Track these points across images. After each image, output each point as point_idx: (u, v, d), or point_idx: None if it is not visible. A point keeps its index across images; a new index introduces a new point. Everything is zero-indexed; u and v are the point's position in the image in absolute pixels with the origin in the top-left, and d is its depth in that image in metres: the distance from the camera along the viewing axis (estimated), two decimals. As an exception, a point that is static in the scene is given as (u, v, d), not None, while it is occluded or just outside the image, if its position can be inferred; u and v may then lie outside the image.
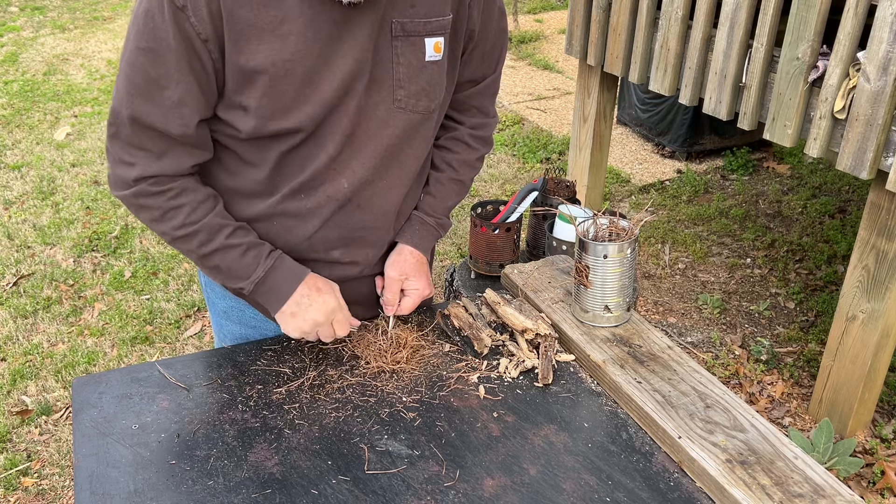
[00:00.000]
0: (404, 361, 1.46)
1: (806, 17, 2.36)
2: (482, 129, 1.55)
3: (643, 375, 1.39)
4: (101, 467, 1.22)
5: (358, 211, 1.39)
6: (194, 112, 1.21)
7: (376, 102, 1.29)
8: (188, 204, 1.27)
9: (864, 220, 2.44)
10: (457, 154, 1.54)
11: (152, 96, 1.18)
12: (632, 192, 4.41)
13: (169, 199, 1.26)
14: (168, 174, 1.25)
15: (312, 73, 1.21)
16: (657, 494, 1.18)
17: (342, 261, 1.45)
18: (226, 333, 1.59)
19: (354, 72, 1.24)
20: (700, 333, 3.25)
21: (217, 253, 1.31)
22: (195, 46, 1.16)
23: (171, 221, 1.27)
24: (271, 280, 1.34)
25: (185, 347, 3.13)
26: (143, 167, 1.23)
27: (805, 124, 2.48)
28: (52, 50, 6.64)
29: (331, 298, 1.37)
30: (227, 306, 1.54)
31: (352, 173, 1.34)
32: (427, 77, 1.32)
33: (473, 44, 1.40)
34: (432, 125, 1.42)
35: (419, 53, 1.29)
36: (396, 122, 1.32)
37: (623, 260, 1.47)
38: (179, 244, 1.31)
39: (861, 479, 2.53)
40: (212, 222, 1.29)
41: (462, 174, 1.56)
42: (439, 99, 1.36)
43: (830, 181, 4.46)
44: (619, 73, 3.19)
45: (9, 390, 2.89)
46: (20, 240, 3.84)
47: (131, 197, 1.26)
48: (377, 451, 1.26)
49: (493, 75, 1.49)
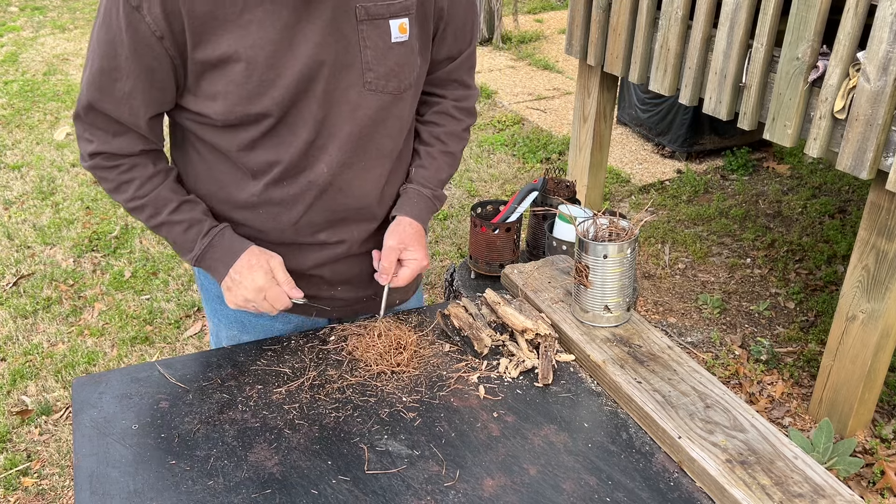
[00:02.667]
0: (404, 364, 1.46)
1: (806, 17, 2.36)
2: (465, 100, 1.58)
3: (643, 375, 1.39)
4: (101, 467, 1.22)
5: (340, 195, 1.42)
6: (143, 105, 1.29)
7: (346, 86, 1.33)
8: (138, 178, 1.36)
9: (864, 220, 2.44)
10: (444, 127, 1.57)
11: (106, 86, 1.27)
12: (632, 192, 4.41)
13: (120, 173, 1.35)
14: (119, 153, 1.34)
15: (275, 59, 1.25)
16: (657, 494, 1.18)
17: (329, 242, 1.47)
18: (220, 318, 1.61)
19: (317, 56, 1.28)
20: (700, 333, 3.25)
21: (164, 226, 1.38)
22: (150, 43, 1.22)
23: (124, 194, 1.37)
24: (209, 257, 1.39)
25: (185, 347, 3.13)
26: (98, 145, 1.33)
27: (805, 124, 2.48)
28: (52, 50, 6.64)
29: (259, 275, 1.37)
30: (220, 291, 1.55)
31: (330, 158, 1.37)
32: (395, 58, 1.35)
33: (444, 22, 1.44)
34: (406, 105, 1.44)
35: (385, 36, 1.33)
36: (368, 104, 1.36)
37: (623, 260, 1.47)
38: (134, 215, 1.39)
39: (861, 479, 2.53)
40: (159, 196, 1.36)
41: (451, 146, 1.58)
42: (409, 79, 1.39)
43: (830, 181, 4.46)
44: (619, 73, 3.19)
45: (9, 390, 2.89)
46: (20, 240, 3.85)
47: (90, 169, 1.36)
48: (377, 451, 1.26)
49: (468, 49, 1.52)
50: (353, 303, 1.60)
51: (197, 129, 1.36)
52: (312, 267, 1.51)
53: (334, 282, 1.54)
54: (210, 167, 1.41)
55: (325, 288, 1.55)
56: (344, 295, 1.57)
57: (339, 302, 1.58)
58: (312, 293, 1.52)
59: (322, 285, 1.54)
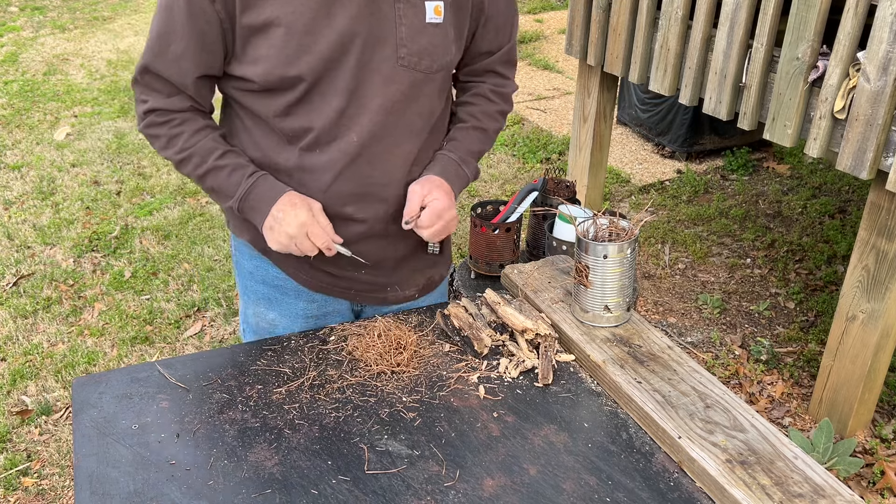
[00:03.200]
0: (404, 364, 1.46)
1: (806, 17, 2.36)
2: (502, 87, 1.65)
3: (643, 375, 1.39)
4: (101, 467, 1.22)
5: (368, 166, 1.48)
6: (192, 66, 1.39)
7: (381, 59, 1.40)
8: (187, 131, 1.45)
9: (864, 220, 2.44)
10: (478, 106, 1.63)
11: (161, 49, 1.39)
12: (632, 192, 4.41)
13: (171, 127, 1.45)
14: (171, 109, 1.45)
15: (312, 26, 1.35)
16: (657, 494, 1.18)
17: (355, 217, 1.52)
18: (250, 295, 1.68)
19: (352, 28, 1.36)
20: (700, 333, 3.25)
21: (209, 174, 1.45)
22: (203, 7, 1.33)
23: (174, 147, 1.46)
24: (252, 198, 1.45)
25: (185, 347, 3.13)
26: (152, 103, 1.44)
27: (805, 124, 2.48)
28: (52, 50, 6.64)
29: (303, 212, 1.43)
30: (252, 266, 1.64)
31: (360, 128, 1.44)
32: (428, 37, 1.43)
33: (485, 17, 1.52)
34: (436, 86, 1.50)
35: (420, 14, 1.41)
36: (401, 79, 1.43)
37: (623, 260, 1.47)
38: (182, 168, 1.47)
39: (861, 479, 2.53)
40: (205, 146, 1.45)
41: (483, 123, 1.62)
42: (442, 60, 1.46)
43: (830, 181, 4.46)
44: (619, 73, 3.19)
45: (9, 390, 2.89)
46: (20, 240, 3.85)
47: (145, 128, 1.47)
48: (377, 451, 1.26)
49: (507, 45, 1.60)
50: (376, 289, 1.64)
51: (240, 96, 1.46)
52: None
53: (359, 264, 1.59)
54: (252, 134, 1.49)
55: (350, 269, 1.59)
56: (367, 279, 1.61)
57: (363, 286, 1.63)
58: (337, 273, 1.59)
59: (346, 266, 1.58)
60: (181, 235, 3.90)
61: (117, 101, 5.58)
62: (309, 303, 1.64)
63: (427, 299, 1.76)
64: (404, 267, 1.65)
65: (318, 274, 1.60)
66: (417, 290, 1.71)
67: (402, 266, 1.64)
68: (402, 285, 1.67)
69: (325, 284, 1.61)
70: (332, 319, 1.66)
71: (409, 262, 1.65)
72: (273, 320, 1.66)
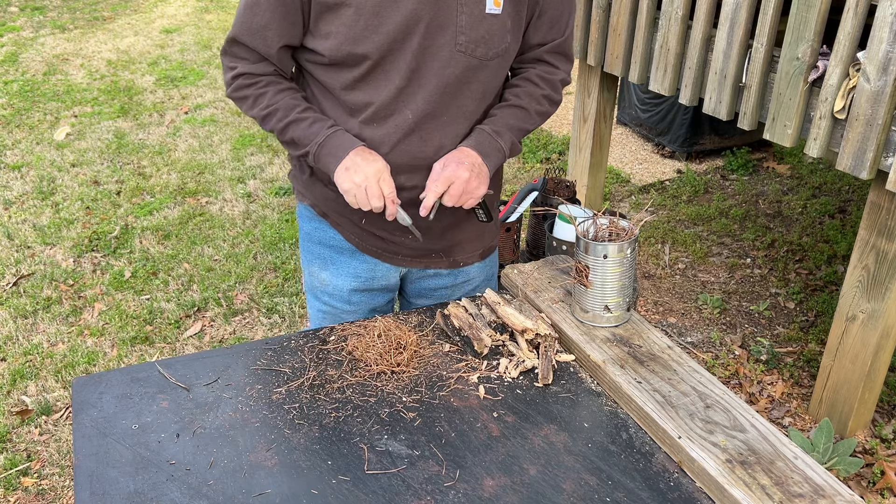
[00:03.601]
0: (404, 364, 1.46)
1: (806, 17, 2.36)
2: (550, 74, 1.70)
3: (643, 375, 1.39)
4: (101, 467, 1.22)
5: (420, 142, 1.58)
6: (275, 36, 1.52)
7: (440, 45, 1.50)
8: (271, 91, 1.59)
9: (864, 220, 2.44)
10: (521, 88, 1.68)
11: (248, 21, 1.52)
12: (632, 192, 4.41)
13: (257, 88, 1.59)
14: (257, 73, 1.59)
15: (380, 9, 1.46)
16: (657, 494, 1.18)
17: (406, 185, 1.62)
18: (307, 255, 1.82)
19: (417, 12, 1.47)
20: (700, 333, 3.25)
21: (291, 125, 1.57)
22: None
23: (259, 104, 1.59)
24: (330, 144, 1.56)
25: (185, 347, 3.13)
26: (240, 68, 1.59)
27: (805, 124, 2.48)
28: (52, 50, 6.64)
29: (380, 163, 1.54)
30: (311, 228, 1.78)
31: (416, 106, 1.55)
32: (486, 27, 1.52)
33: (540, 9, 1.60)
34: (490, 73, 1.58)
35: (480, 5, 1.50)
36: (457, 63, 1.53)
37: (623, 260, 1.47)
38: (266, 123, 1.59)
39: (861, 479, 2.53)
40: (289, 102, 1.58)
41: (524, 102, 1.66)
42: (497, 49, 1.55)
43: (830, 181, 4.46)
44: (619, 73, 3.19)
45: (9, 390, 2.89)
46: (20, 240, 3.85)
47: (233, 91, 1.60)
48: (377, 451, 1.26)
49: (561, 38, 1.67)
50: (422, 254, 1.75)
51: (312, 68, 1.59)
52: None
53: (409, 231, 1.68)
54: (319, 104, 1.62)
55: (398, 234, 1.70)
56: (415, 244, 1.71)
57: (409, 251, 1.74)
58: (387, 237, 1.72)
59: (395, 231, 1.70)
60: (181, 235, 3.90)
61: (117, 101, 5.58)
62: (360, 263, 1.76)
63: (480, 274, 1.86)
64: (451, 235, 1.74)
65: (369, 237, 1.72)
66: (464, 258, 1.80)
67: (448, 234, 1.74)
68: (447, 252, 1.77)
69: (375, 247, 1.73)
70: (378, 284, 1.79)
71: (455, 231, 1.74)
72: (325, 280, 1.79)
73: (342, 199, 1.65)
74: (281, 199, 4.24)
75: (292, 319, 3.28)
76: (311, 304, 1.86)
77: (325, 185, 1.70)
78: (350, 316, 1.80)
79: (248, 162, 4.66)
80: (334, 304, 1.80)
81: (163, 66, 6.25)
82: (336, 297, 1.79)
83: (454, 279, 1.82)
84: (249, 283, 3.52)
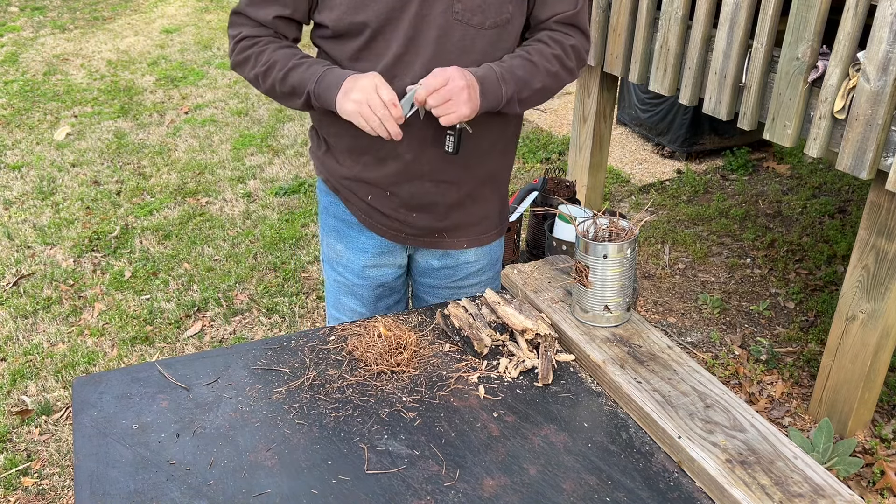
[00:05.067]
0: (404, 364, 1.46)
1: (806, 17, 2.36)
2: (562, 38, 1.70)
3: (643, 375, 1.39)
4: (101, 467, 1.22)
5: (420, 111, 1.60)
6: (273, 7, 1.62)
7: (438, 13, 1.55)
8: (272, 46, 1.66)
9: (863, 220, 2.44)
10: (532, 45, 1.68)
11: None
12: (632, 192, 4.41)
13: (259, 47, 1.66)
14: (258, 35, 1.67)
15: None
16: (657, 494, 1.18)
17: (404, 156, 1.67)
18: (323, 227, 1.91)
19: None
20: (700, 333, 3.25)
21: (290, 72, 1.62)
22: None
23: (260, 61, 1.65)
24: (327, 78, 1.60)
25: (185, 347, 3.13)
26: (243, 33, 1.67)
27: (805, 124, 2.48)
28: (52, 50, 6.64)
29: (376, 77, 1.54)
30: (326, 202, 1.85)
31: (414, 73, 1.58)
32: None
33: None
34: (487, 43, 1.60)
35: None
36: (454, 32, 1.57)
37: (623, 260, 1.47)
38: (266, 78, 1.65)
39: (861, 479, 2.53)
40: (287, 53, 1.65)
41: (533, 56, 1.65)
42: (495, 18, 1.58)
43: (830, 181, 4.46)
44: (619, 73, 3.19)
45: (9, 390, 2.89)
46: (20, 240, 3.85)
47: (236, 56, 1.68)
48: (377, 451, 1.26)
49: (572, 10, 1.69)
50: (426, 233, 1.79)
51: (322, 43, 1.67)
52: (391, 182, 1.72)
53: (412, 206, 1.74)
54: None
55: (403, 212, 1.75)
56: (420, 222, 1.76)
57: (414, 230, 1.78)
58: (391, 214, 1.76)
59: (400, 208, 1.75)
60: (181, 235, 3.90)
61: (117, 101, 5.58)
62: (369, 238, 1.82)
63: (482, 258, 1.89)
64: (454, 214, 1.78)
65: (375, 213, 1.77)
66: (468, 241, 1.83)
67: (452, 213, 1.77)
68: (450, 233, 1.80)
69: (380, 225, 1.78)
70: (388, 261, 1.85)
71: (459, 211, 1.77)
72: (340, 251, 1.87)
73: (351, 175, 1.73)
74: (281, 199, 4.24)
75: (292, 319, 3.28)
76: (328, 274, 1.95)
77: (337, 162, 1.76)
78: (362, 290, 1.88)
79: (248, 162, 4.66)
80: (347, 277, 1.88)
81: (163, 66, 6.25)
82: (349, 269, 1.87)
83: (456, 259, 1.86)
84: (249, 283, 3.52)
